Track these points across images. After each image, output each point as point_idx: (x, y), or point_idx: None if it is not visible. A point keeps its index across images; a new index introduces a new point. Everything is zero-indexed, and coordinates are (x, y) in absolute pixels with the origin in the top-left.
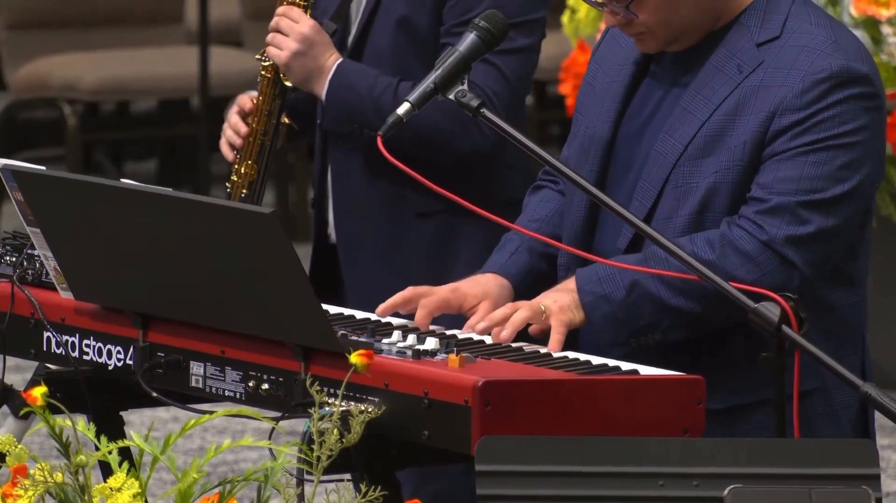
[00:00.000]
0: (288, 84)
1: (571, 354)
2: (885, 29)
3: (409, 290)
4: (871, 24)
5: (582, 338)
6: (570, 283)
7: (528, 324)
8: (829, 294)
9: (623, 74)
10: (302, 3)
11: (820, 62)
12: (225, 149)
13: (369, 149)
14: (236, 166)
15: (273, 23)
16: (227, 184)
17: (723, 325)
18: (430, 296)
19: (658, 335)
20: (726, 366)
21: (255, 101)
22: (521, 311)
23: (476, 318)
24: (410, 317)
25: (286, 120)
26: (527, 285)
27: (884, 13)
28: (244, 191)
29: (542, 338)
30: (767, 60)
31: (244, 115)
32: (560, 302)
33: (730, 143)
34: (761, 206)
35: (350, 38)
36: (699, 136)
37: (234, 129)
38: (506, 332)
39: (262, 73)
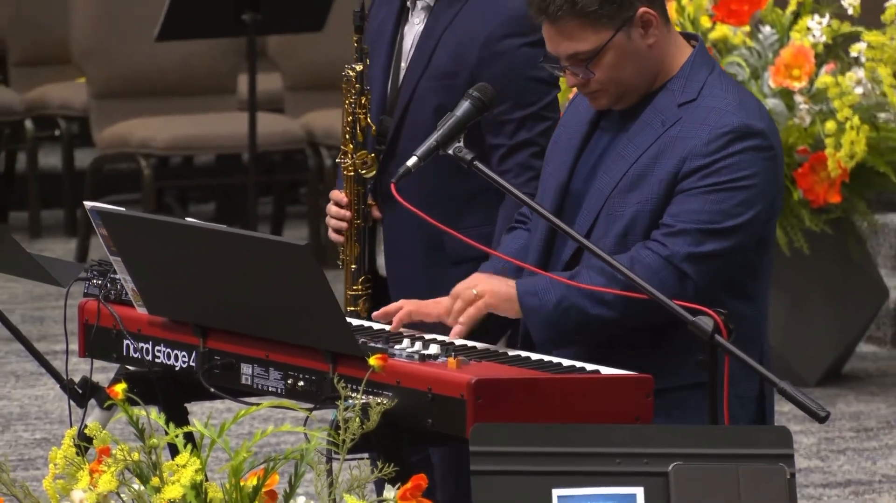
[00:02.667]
0: (367, 176)
1: (546, 357)
2: (798, 98)
3: (402, 302)
4: (786, 93)
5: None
6: (511, 288)
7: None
8: (733, 307)
9: (580, 132)
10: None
11: (724, 119)
12: (334, 236)
13: (414, 204)
14: (343, 247)
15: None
16: (338, 261)
17: (639, 327)
18: (415, 305)
19: (585, 335)
20: (656, 359)
21: (345, 193)
22: (468, 307)
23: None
24: (414, 327)
25: (371, 202)
26: None
27: (796, 85)
28: (353, 265)
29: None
30: (685, 117)
31: (341, 206)
32: (494, 289)
33: (651, 181)
34: (668, 230)
35: (391, 126)
36: (627, 175)
37: (337, 217)
38: (460, 328)
39: (345, 171)
